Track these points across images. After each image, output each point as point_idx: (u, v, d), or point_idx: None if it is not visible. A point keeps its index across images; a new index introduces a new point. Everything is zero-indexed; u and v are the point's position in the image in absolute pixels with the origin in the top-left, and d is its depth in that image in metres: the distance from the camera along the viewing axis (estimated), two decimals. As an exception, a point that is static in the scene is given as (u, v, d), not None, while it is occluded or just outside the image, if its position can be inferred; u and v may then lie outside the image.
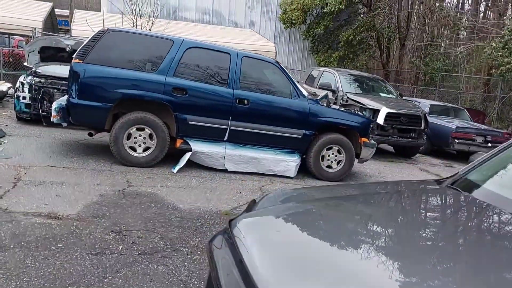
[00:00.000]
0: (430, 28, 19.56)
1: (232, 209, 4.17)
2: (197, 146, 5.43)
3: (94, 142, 6.37)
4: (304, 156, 5.96)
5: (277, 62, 5.86)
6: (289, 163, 5.80)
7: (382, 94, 9.88)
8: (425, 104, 10.72)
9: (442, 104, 11.43)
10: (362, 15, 18.66)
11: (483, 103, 16.42)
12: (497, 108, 15.57)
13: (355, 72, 10.93)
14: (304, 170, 6.04)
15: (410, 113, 8.69)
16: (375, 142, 6.27)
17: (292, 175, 5.81)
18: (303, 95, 5.81)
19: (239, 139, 5.63)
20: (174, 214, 3.80)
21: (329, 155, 5.97)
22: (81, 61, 4.93)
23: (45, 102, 6.94)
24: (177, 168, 5.29)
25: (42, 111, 6.88)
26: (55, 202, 3.71)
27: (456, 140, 9.44)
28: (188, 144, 5.42)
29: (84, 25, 11.30)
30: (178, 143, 5.42)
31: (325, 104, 5.96)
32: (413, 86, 19.30)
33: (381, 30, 18.20)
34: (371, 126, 6.78)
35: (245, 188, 5.02)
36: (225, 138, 5.54)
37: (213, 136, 5.52)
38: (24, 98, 7.14)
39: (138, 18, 12.50)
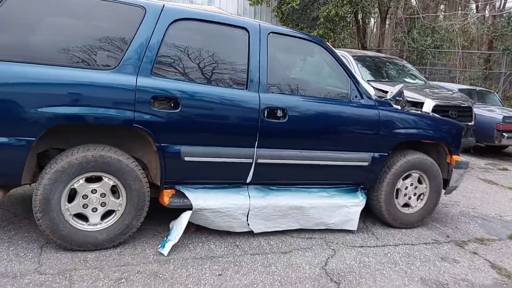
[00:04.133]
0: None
1: None
2: (200, 199, 3.02)
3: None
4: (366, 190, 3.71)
5: (324, 42, 3.49)
6: (350, 208, 3.52)
7: (408, 80, 7.77)
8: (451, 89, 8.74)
9: (471, 87, 9.48)
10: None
11: (485, 81, 14.80)
12: (502, 87, 13.98)
13: (371, 54, 8.71)
14: (363, 212, 3.79)
15: (461, 105, 6.63)
16: (467, 161, 4.10)
17: (355, 228, 3.55)
18: (368, 95, 3.51)
19: (270, 178, 3.27)
20: None
21: (406, 187, 3.75)
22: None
23: None
24: (168, 244, 2.87)
25: None
26: None
27: (504, 133, 7.52)
28: (184, 196, 3.00)
29: None
30: (167, 196, 2.99)
31: (399, 107, 3.69)
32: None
33: (357, 2, 16.02)
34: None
35: (300, 274, 2.71)
36: (248, 180, 3.17)
37: (227, 178, 3.14)
38: None
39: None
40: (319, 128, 3.28)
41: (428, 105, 6.28)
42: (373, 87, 4.50)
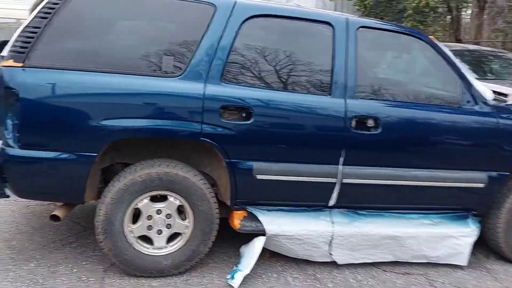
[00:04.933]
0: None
1: None
2: (274, 223, 2.61)
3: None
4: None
5: (426, 35, 2.87)
6: (459, 239, 2.86)
7: (519, 78, 6.61)
8: None
9: None
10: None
11: None
12: None
13: (471, 47, 7.63)
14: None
15: None
16: None
17: (465, 263, 2.88)
18: (484, 100, 2.81)
19: (358, 201, 2.76)
20: None
21: (530, 213, 2.97)
22: (20, 64, 2.22)
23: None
24: (238, 275, 2.50)
25: None
26: None
27: None
28: (257, 220, 2.62)
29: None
30: (237, 219, 2.63)
31: (525, 115, 2.93)
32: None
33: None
34: None
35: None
36: (331, 203, 2.69)
37: (306, 200, 2.69)
38: None
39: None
40: (421, 142, 2.69)
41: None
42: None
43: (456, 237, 2.84)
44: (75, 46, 2.30)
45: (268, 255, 2.82)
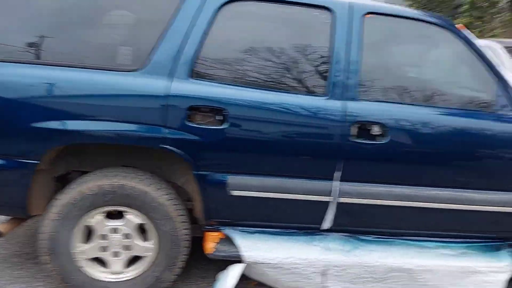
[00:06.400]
0: None
1: None
2: (255, 248, 2.16)
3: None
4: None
5: (454, 25, 2.32)
6: (488, 276, 2.28)
7: None
8: None
9: None
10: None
11: None
12: None
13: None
14: None
15: None
16: None
17: (498, 308, 2.31)
18: (526, 104, 2.23)
19: (359, 224, 2.26)
20: None
21: None
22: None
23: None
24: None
25: None
26: None
27: None
28: (232, 244, 2.19)
29: None
30: (211, 241, 2.20)
31: None
32: None
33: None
34: None
35: None
36: (325, 225, 2.21)
37: (295, 221, 2.23)
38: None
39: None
40: (440, 154, 2.16)
41: None
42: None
43: (485, 273, 2.28)
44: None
45: (254, 283, 2.38)
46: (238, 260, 2.15)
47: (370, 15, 2.19)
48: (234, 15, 2.10)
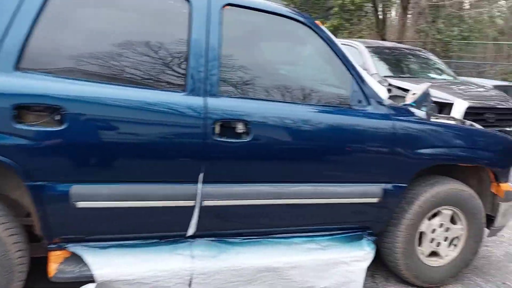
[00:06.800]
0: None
1: None
2: (110, 264, 1.91)
3: None
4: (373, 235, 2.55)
5: (313, 21, 2.33)
6: (351, 265, 2.37)
7: (433, 75, 6.53)
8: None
9: (507, 83, 8.12)
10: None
11: (519, 75, 13.22)
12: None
13: (389, 44, 7.47)
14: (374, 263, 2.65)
15: (499, 106, 5.36)
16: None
17: (359, 293, 2.42)
18: (379, 100, 2.34)
19: (226, 227, 2.16)
20: None
21: (433, 230, 2.58)
22: None
23: None
24: None
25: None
26: None
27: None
28: (83, 263, 1.91)
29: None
30: (54, 262, 1.89)
31: (423, 115, 2.51)
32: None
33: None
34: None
35: None
36: (190, 231, 2.06)
37: (156, 230, 2.04)
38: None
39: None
40: (301, 151, 2.15)
41: (459, 108, 5.08)
42: (392, 85, 3.32)
43: (348, 263, 2.36)
44: None
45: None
46: (86, 279, 1.89)
47: (228, 7, 2.08)
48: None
